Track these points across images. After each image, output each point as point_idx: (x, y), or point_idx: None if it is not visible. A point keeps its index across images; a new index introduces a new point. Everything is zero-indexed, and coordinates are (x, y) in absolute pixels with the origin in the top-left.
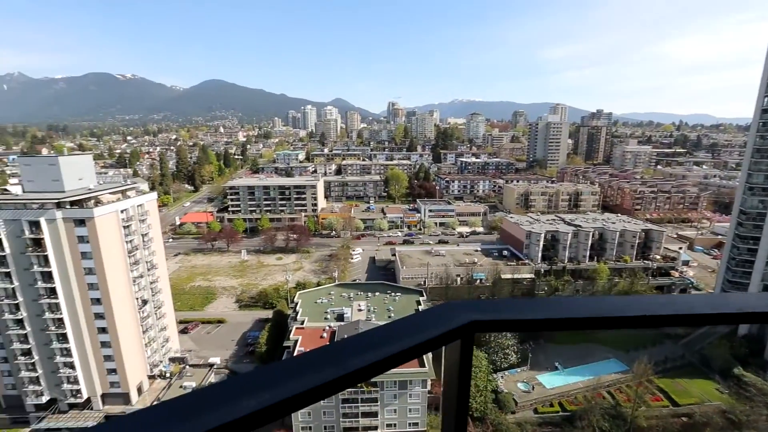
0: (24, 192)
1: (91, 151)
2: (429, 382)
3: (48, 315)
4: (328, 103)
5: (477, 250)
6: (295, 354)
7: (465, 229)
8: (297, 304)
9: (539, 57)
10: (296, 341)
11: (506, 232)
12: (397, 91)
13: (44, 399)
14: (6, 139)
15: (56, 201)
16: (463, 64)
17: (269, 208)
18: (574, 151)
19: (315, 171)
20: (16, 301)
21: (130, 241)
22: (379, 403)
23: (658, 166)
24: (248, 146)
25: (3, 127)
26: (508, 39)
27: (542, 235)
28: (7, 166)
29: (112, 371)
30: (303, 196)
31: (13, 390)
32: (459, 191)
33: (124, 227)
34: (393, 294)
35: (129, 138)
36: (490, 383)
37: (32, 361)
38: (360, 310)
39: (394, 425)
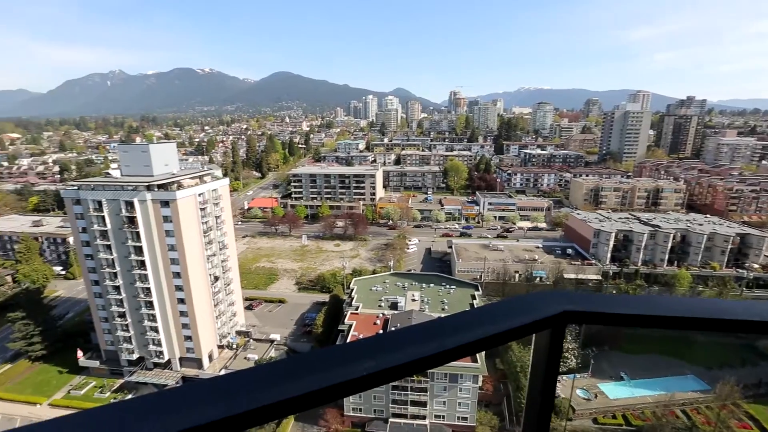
0: (122, 175)
1: (175, 139)
2: (480, 378)
3: (138, 284)
4: (388, 93)
5: (538, 247)
6: (349, 339)
7: (526, 225)
8: (352, 290)
9: (621, 39)
10: (350, 326)
11: (572, 229)
12: (459, 80)
13: (134, 356)
14: (108, 129)
15: (147, 184)
16: (532, 50)
17: (329, 196)
18: (655, 144)
19: (374, 160)
20: (115, 270)
21: (206, 222)
22: (428, 394)
23: (763, 161)
24: (311, 135)
25: (106, 119)
26: (584, 19)
27: (613, 235)
28: (109, 152)
29: (188, 338)
30: (362, 185)
31: (111, 346)
32: (521, 184)
33: (201, 209)
34: (448, 286)
35: (206, 128)
36: None
37: (126, 323)
38: (414, 300)
39: (443, 417)
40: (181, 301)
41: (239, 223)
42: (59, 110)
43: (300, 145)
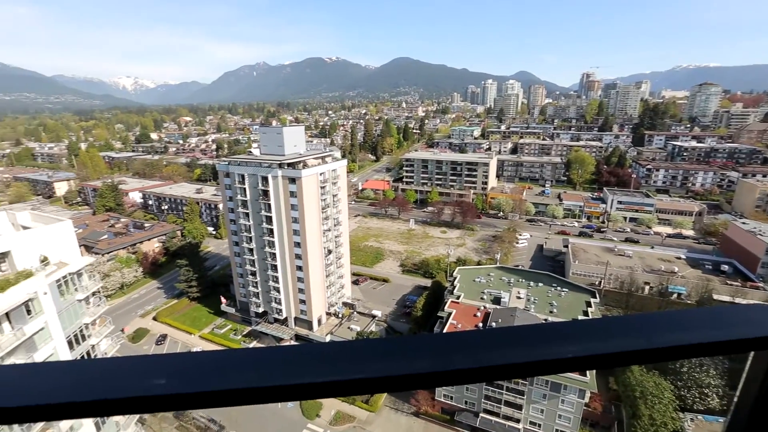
0: (260, 154)
1: (303, 123)
2: (587, 394)
3: (267, 249)
4: (510, 77)
5: (680, 258)
6: (447, 327)
7: (666, 230)
8: (455, 278)
9: None
10: (450, 314)
11: (732, 241)
12: (594, 60)
13: (260, 309)
14: (252, 114)
15: (279, 162)
16: (693, 18)
17: (440, 182)
18: None
19: (489, 148)
20: (251, 235)
21: (324, 200)
22: (525, 397)
23: None
24: (426, 121)
25: (251, 104)
26: None
27: None
28: (252, 134)
29: (303, 302)
30: (474, 173)
31: (244, 298)
32: (665, 182)
33: (321, 187)
34: (559, 288)
35: (330, 112)
36: (672, 422)
37: (256, 280)
38: (519, 297)
39: (539, 426)
40: (299, 268)
41: (352, 202)
42: (219, 98)
43: (414, 131)
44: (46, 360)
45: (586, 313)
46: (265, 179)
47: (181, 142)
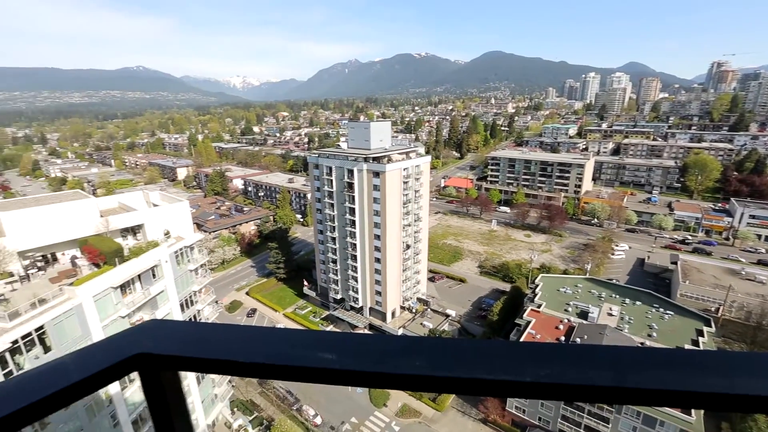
0: (348, 147)
1: (389, 118)
2: None
3: (348, 239)
4: (617, 69)
5: None
6: (524, 336)
7: None
8: (537, 285)
9: None
10: (528, 323)
11: None
12: (729, 45)
13: (338, 296)
14: (342, 109)
15: (364, 156)
16: None
17: (527, 183)
18: None
19: (586, 148)
20: (334, 225)
21: (406, 195)
22: (610, 427)
23: None
24: (516, 118)
25: (341, 100)
26: None
27: None
28: (341, 128)
29: (378, 293)
30: (566, 174)
31: (324, 284)
32: None
33: (404, 182)
34: (661, 310)
35: (416, 108)
36: None
37: (336, 268)
38: (611, 314)
39: None
40: (377, 260)
41: (434, 199)
42: (313, 94)
43: (503, 128)
44: (167, 316)
45: (696, 343)
46: (350, 172)
47: (278, 135)
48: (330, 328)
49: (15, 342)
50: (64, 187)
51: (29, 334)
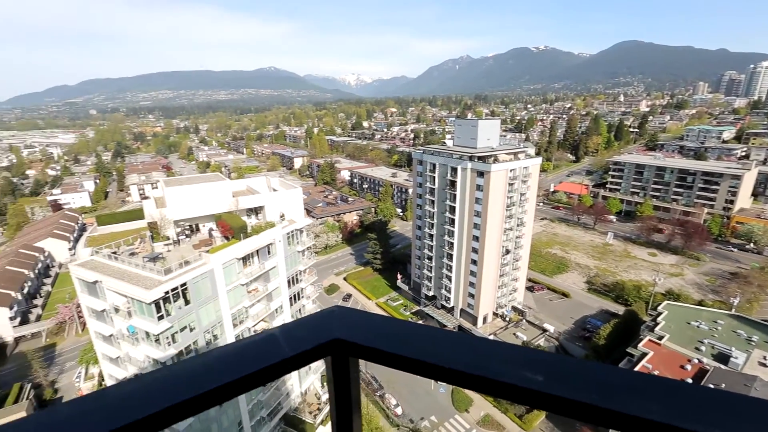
0: (453, 145)
1: (499, 116)
2: None
3: (446, 237)
4: None
5: None
6: (638, 369)
7: None
8: (660, 314)
9: None
10: (644, 354)
11: None
12: None
13: (430, 293)
14: (449, 106)
15: (469, 155)
16: None
17: (658, 194)
18: None
19: (746, 156)
20: (433, 222)
21: (510, 197)
22: None
23: None
24: (650, 118)
25: (449, 97)
26: None
27: None
28: (447, 125)
29: (471, 296)
30: (714, 187)
31: (417, 279)
32: None
33: (509, 184)
34: None
35: (529, 106)
36: None
37: (431, 265)
38: (764, 364)
39: None
40: (474, 261)
41: (541, 204)
42: (422, 90)
43: (631, 129)
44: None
45: None
46: (454, 170)
47: (385, 130)
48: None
49: (167, 293)
50: (208, 170)
51: (176, 288)
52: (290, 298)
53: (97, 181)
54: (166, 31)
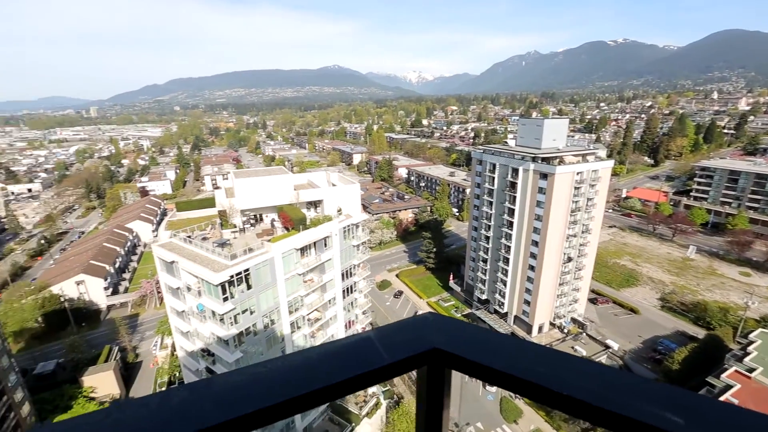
0: (515, 145)
1: (567, 115)
2: None
3: (503, 240)
4: None
5: None
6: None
7: None
8: (752, 342)
9: None
10: (728, 387)
11: None
12: None
13: (483, 296)
14: (513, 104)
15: (533, 156)
16: None
17: (756, 205)
18: None
19: None
20: (490, 224)
21: (576, 202)
22: None
23: None
24: (751, 118)
25: (513, 95)
26: None
27: None
28: (510, 124)
29: (527, 303)
30: None
31: (471, 281)
32: None
33: (575, 188)
34: None
35: (602, 104)
36: None
37: (485, 268)
38: None
39: None
40: (531, 267)
41: (610, 210)
42: (484, 88)
43: (726, 130)
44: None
45: None
46: (515, 171)
47: (444, 128)
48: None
49: (232, 276)
50: (273, 163)
51: (240, 273)
52: (343, 290)
53: (178, 171)
54: (241, 34)
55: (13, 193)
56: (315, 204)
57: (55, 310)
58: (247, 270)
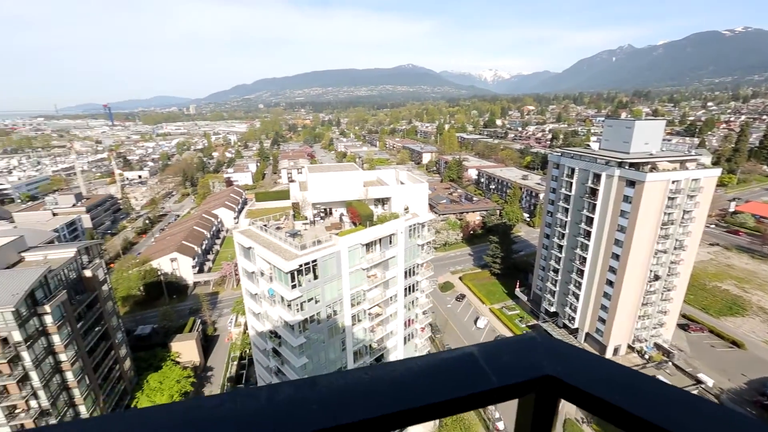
0: (599, 149)
1: (664, 117)
2: None
3: (577, 251)
4: None
5: None
6: None
7: None
8: None
9: None
10: None
11: None
12: None
13: (552, 309)
14: (599, 104)
15: (619, 160)
16: None
17: None
18: None
19: None
20: (564, 232)
21: (668, 214)
22: None
23: None
24: None
25: (600, 93)
26: None
27: None
28: (593, 125)
29: (601, 320)
30: None
31: (539, 291)
32: None
33: (669, 198)
34: None
35: (709, 104)
36: None
37: (556, 278)
38: None
39: None
40: (609, 283)
41: (712, 226)
42: (567, 86)
43: None
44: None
45: None
46: (596, 177)
47: (519, 129)
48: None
49: (300, 266)
50: (344, 160)
51: (308, 263)
52: (405, 288)
53: (258, 164)
54: (322, 35)
55: (127, 178)
56: (383, 201)
57: (153, 281)
58: (315, 261)
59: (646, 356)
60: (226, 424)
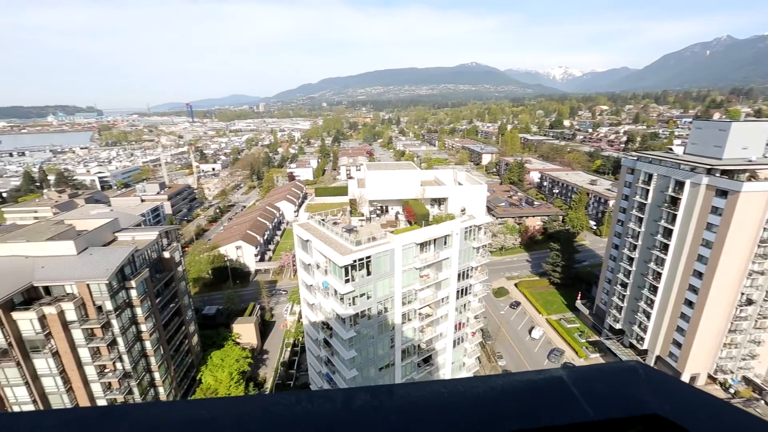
0: (684, 153)
1: (767, 118)
2: None
3: (651, 265)
4: None
5: None
6: None
7: None
8: None
9: None
10: None
11: None
12: None
13: (617, 326)
14: (686, 103)
15: (708, 167)
16: None
17: None
18: None
19: None
20: (636, 243)
21: None
22: None
23: None
24: None
25: (688, 92)
26: None
27: None
28: (678, 127)
29: (676, 344)
30: None
31: (603, 306)
32: None
33: None
34: None
35: None
36: None
37: (624, 294)
38: None
39: None
40: (689, 303)
41: None
42: (650, 83)
43: None
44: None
45: None
46: (679, 184)
47: (590, 130)
48: (595, 356)
49: (355, 261)
50: (402, 158)
51: (362, 258)
52: (457, 291)
53: (319, 160)
54: (385, 35)
55: (203, 170)
56: (439, 201)
57: (220, 266)
58: (369, 257)
59: (731, 390)
60: (305, 423)
